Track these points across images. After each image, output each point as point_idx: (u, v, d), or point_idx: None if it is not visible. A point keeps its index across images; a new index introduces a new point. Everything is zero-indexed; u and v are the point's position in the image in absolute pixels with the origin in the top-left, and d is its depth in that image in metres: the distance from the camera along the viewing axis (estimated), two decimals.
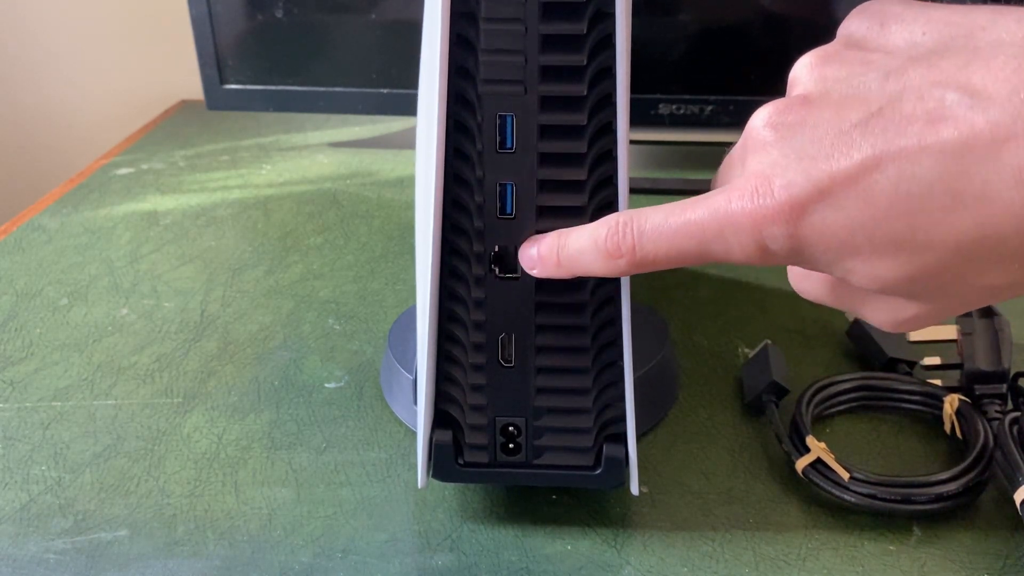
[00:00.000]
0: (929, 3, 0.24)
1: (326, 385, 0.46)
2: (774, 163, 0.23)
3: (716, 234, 0.24)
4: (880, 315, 0.25)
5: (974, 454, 0.37)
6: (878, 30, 0.24)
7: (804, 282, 0.27)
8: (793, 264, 0.25)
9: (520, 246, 0.31)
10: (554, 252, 0.29)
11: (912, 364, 0.44)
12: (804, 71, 0.25)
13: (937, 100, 0.21)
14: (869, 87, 0.23)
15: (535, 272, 0.30)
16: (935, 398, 0.41)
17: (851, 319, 0.47)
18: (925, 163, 0.21)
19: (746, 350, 0.47)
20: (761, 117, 0.25)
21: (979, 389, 0.41)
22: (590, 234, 0.28)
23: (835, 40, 0.26)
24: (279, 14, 0.66)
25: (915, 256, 0.22)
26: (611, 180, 0.31)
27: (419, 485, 0.36)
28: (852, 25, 0.25)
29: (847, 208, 0.22)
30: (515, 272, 0.32)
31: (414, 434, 0.42)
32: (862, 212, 0.22)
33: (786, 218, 0.23)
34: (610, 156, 0.30)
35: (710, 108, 0.66)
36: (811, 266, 0.24)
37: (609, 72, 0.30)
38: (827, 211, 0.22)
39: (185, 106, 0.88)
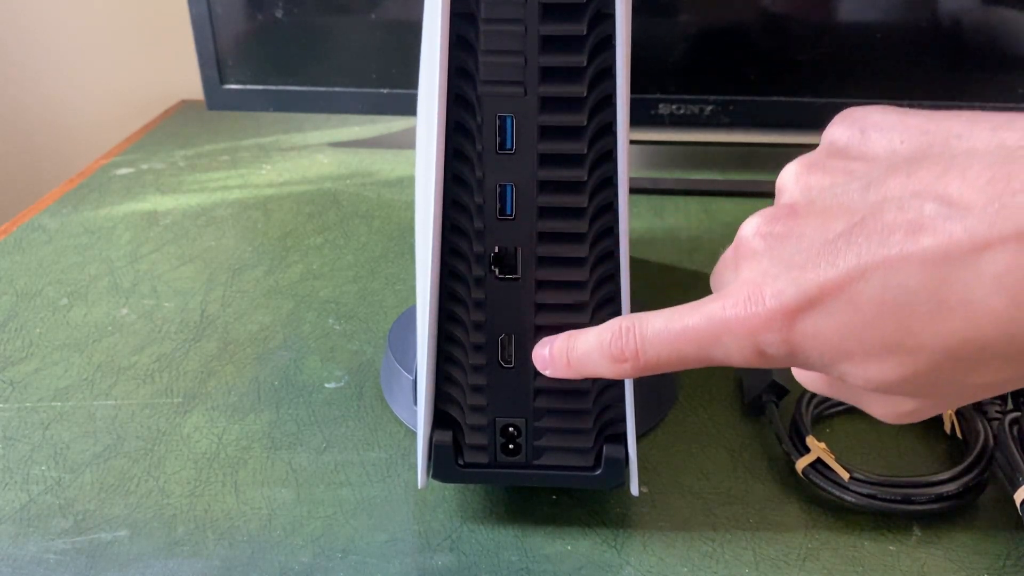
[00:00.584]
0: (907, 110, 0.25)
1: (326, 385, 0.46)
2: (764, 272, 0.24)
3: (714, 340, 0.25)
4: (881, 409, 0.26)
5: (974, 454, 0.37)
6: (859, 138, 0.25)
7: (806, 377, 0.28)
8: (792, 365, 0.25)
9: (535, 346, 0.32)
10: (564, 354, 0.30)
11: None
12: (790, 180, 0.26)
13: (916, 210, 0.22)
14: (852, 197, 0.24)
15: (548, 372, 0.31)
16: None
17: None
18: (908, 271, 0.22)
19: None
20: (751, 227, 0.26)
21: None
22: (596, 337, 0.29)
23: (820, 147, 0.27)
24: (279, 14, 0.66)
25: (906, 359, 0.23)
26: (611, 180, 0.31)
27: (419, 485, 0.36)
28: (835, 132, 0.26)
29: (836, 315, 0.23)
30: (515, 273, 0.32)
31: (414, 434, 0.42)
32: (851, 319, 0.23)
33: (779, 326, 0.24)
34: (610, 156, 0.30)
35: (710, 108, 0.66)
36: (809, 368, 0.25)
37: (609, 73, 0.30)
38: (817, 318, 0.23)
39: (185, 106, 0.88)
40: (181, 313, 0.52)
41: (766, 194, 0.67)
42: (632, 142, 0.70)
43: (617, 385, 0.34)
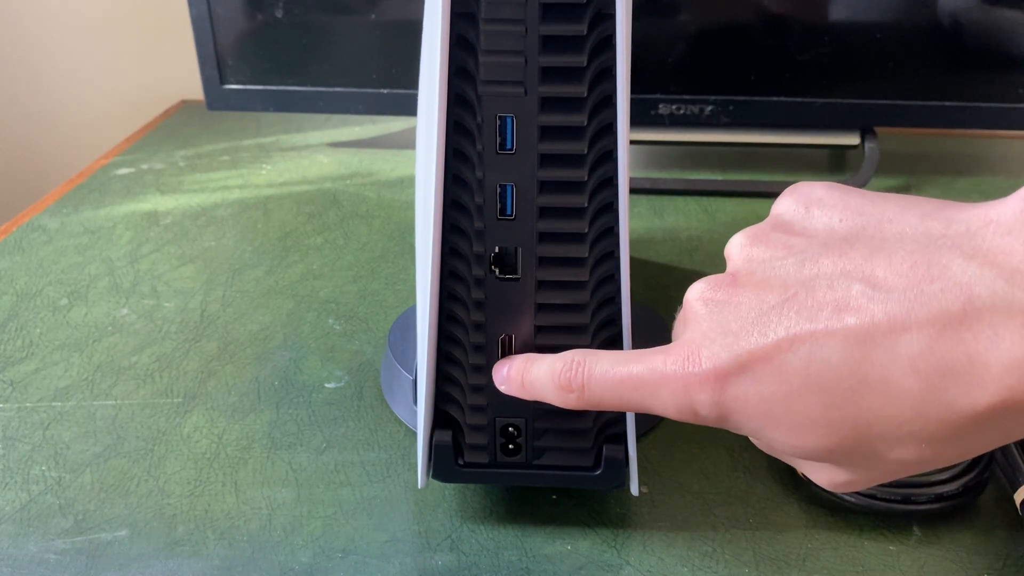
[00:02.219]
0: (850, 189, 0.27)
1: (326, 385, 0.46)
2: (703, 335, 0.26)
3: (652, 391, 0.27)
4: (818, 476, 0.27)
5: None
6: (803, 213, 0.27)
7: (755, 441, 0.29)
8: (724, 427, 0.27)
9: (496, 363, 0.33)
10: (520, 375, 0.32)
11: None
12: (736, 249, 0.28)
13: (844, 289, 0.23)
14: (788, 272, 0.25)
15: (503, 389, 0.32)
16: None
17: None
18: (832, 347, 0.23)
19: None
20: (696, 292, 0.27)
21: None
22: (549, 366, 0.30)
23: (767, 218, 0.28)
24: (279, 14, 0.66)
25: (829, 431, 0.24)
26: (611, 181, 0.31)
27: (419, 485, 0.36)
28: (782, 205, 0.28)
29: (764, 383, 0.24)
30: (515, 273, 0.32)
31: (414, 434, 0.42)
32: (778, 388, 0.24)
33: (711, 386, 0.25)
34: (610, 157, 0.30)
35: (710, 108, 0.66)
36: (740, 432, 0.26)
37: (609, 73, 0.30)
38: (747, 384, 0.25)
39: (185, 106, 0.88)
40: (181, 313, 0.52)
41: (766, 194, 0.67)
42: (632, 142, 0.70)
43: None
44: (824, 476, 0.27)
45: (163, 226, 0.63)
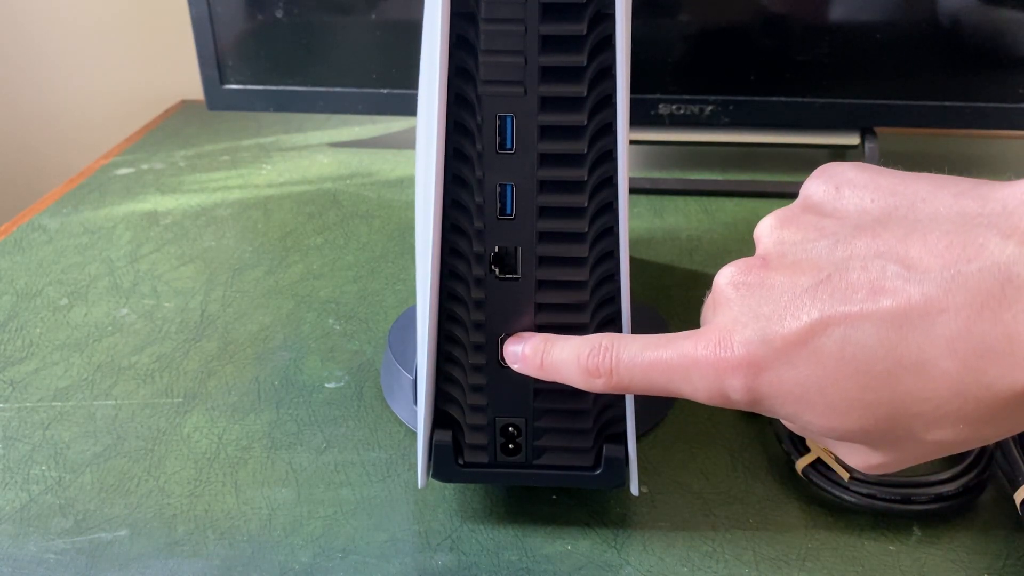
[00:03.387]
0: (881, 170, 0.26)
1: (326, 385, 0.46)
2: (735, 320, 0.26)
3: (683, 375, 0.26)
4: (852, 458, 0.27)
5: (974, 454, 0.37)
6: (833, 194, 0.26)
7: (785, 426, 0.29)
8: (756, 411, 0.26)
9: (507, 340, 0.32)
10: (539, 355, 0.31)
11: None
12: (765, 232, 0.27)
13: (879, 270, 0.23)
14: (820, 253, 0.25)
15: (516, 367, 0.32)
16: None
17: None
18: (867, 329, 0.23)
19: None
20: (726, 275, 0.27)
21: None
22: (574, 349, 0.30)
23: (796, 200, 0.28)
24: (279, 14, 0.66)
25: (865, 412, 0.24)
26: (611, 180, 0.31)
27: (419, 485, 0.36)
28: (812, 187, 0.27)
29: (799, 367, 0.24)
30: (515, 273, 0.32)
31: (414, 434, 0.42)
32: (813, 371, 0.24)
33: (744, 372, 0.25)
34: (610, 156, 0.30)
35: (710, 108, 0.66)
36: (773, 415, 0.26)
37: (609, 72, 0.30)
38: (781, 368, 0.24)
39: (185, 106, 0.88)
40: (181, 313, 0.52)
41: (766, 194, 0.67)
42: (632, 142, 0.70)
43: None
44: (859, 458, 0.27)
45: (163, 226, 0.63)
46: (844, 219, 0.26)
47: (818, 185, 0.27)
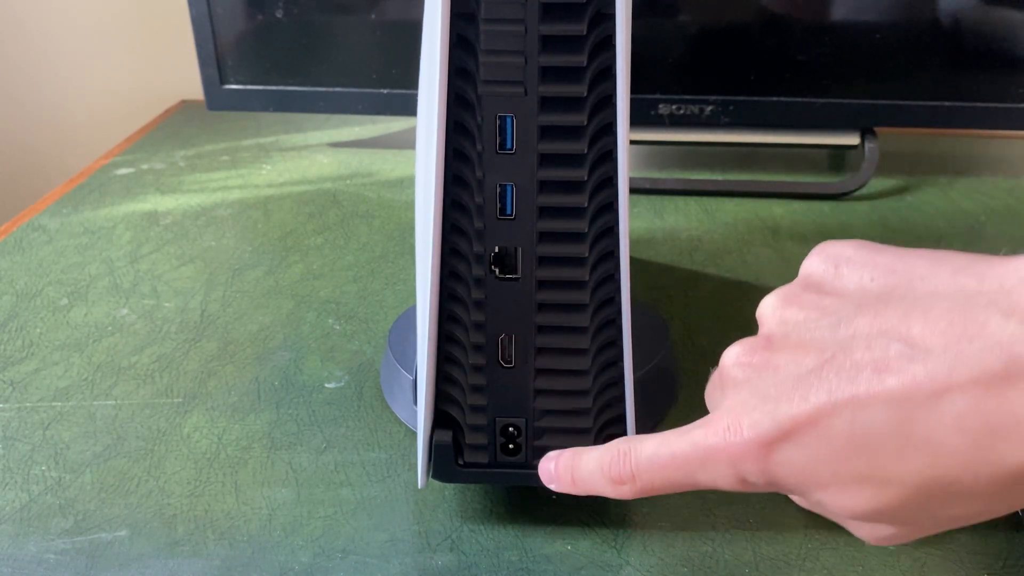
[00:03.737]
0: (879, 247, 0.27)
1: (326, 385, 0.46)
2: (743, 402, 0.26)
3: (700, 467, 0.27)
4: (862, 532, 0.27)
5: None
6: (833, 272, 0.27)
7: (798, 503, 0.29)
8: (774, 490, 0.26)
9: (540, 460, 0.33)
10: (569, 472, 0.31)
11: None
12: (768, 312, 0.28)
13: (882, 349, 0.23)
14: (823, 334, 0.25)
15: (552, 487, 0.32)
16: None
17: None
18: (875, 409, 0.23)
19: None
20: (732, 356, 0.27)
21: None
22: (597, 460, 0.30)
23: (797, 279, 0.28)
24: (279, 14, 0.66)
25: (878, 491, 0.24)
26: (611, 180, 0.31)
27: (419, 485, 0.36)
28: (811, 265, 0.28)
29: (809, 447, 0.24)
30: (515, 273, 0.32)
31: (414, 434, 0.42)
32: (823, 451, 0.24)
33: (756, 456, 0.25)
34: (610, 156, 0.30)
35: (710, 108, 0.66)
36: (789, 493, 0.26)
37: (609, 73, 0.30)
38: (792, 449, 0.25)
39: (185, 106, 0.88)
40: (181, 313, 0.52)
41: (766, 194, 0.67)
42: (632, 142, 0.70)
43: (617, 385, 0.34)
44: (868, 532, 0.27)
45: (163, 226, 0.63)
46: (845, 298, 0.26)
47: (817, 264, 0.28)
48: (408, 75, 0.68)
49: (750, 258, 0.58)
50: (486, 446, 0.34)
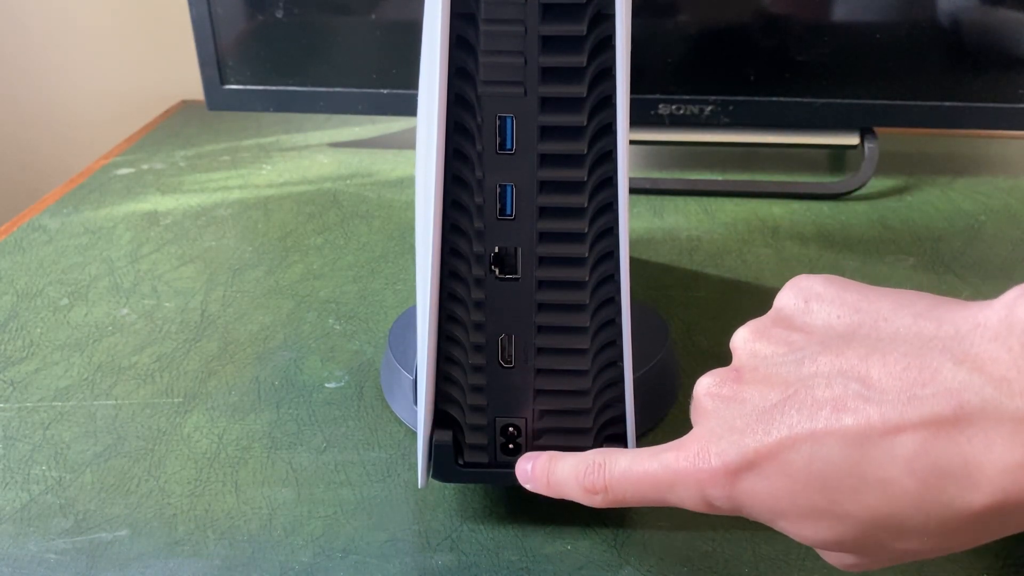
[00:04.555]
0: (846, 283, 0.28)
1: (326, 385, 0.46)
2: (711, 431, 0.27)
3: (669, 487, 0.28)
4: (829, 559, 0.29)
5: None
6: (803, 307, 0.28)
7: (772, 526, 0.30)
8: (739, 515, 0.28)
9: (519, 458, 0.34)
10: (545, 474, 0.32)
11: None
12: (740, 344, 0.29)
13: (841, 388, 0.25)
14: (788, 369, 0.27)
15: (528, 487, 0.33)
16: None
17: None
18: (832, 445, 0.24)
19: None
20: (703, 385, 0.29)
21: None
22: (572, 468, 0.31)
23: (770, 312, 0.30)
24: (279, 14, 0.66)
25: (834, 523, 0.25)
26: (611, 181, 0.31)
27: (419, 485, 0.36)
28: (783, 299, 0.29)
29: (770, 479, 0.26)
30: (515, 273, 0.32)
31: (414, 434, 0.42)
32: (783, 484, 0.25)
33: (721, 482, 0.27)
34: (610, 157, 0.30)
35: (710, 108, 0.66)
36: (754, 520, 0.27)
37: (609, 73, 0.30)
38: (755, 479, 0.26)
39: (185, 106, 0.88)
40: (181, 313, 0.52)
41: (766, 194, 0.67)
42: (632, 142, 0.70)
43: (617, 385, 0.34)
44: (835, 559, 0.28)
45: (163, 226, 0.63)
46: (811, 334, 0.27)
47: (789, 298, 0.29)
48: (408, 75, 0.68)
49: (750, 258, 0.58)
50: (486, 446, 0.34)
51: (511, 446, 0.34)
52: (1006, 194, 0.67)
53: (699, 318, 0.51)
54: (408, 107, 0.68)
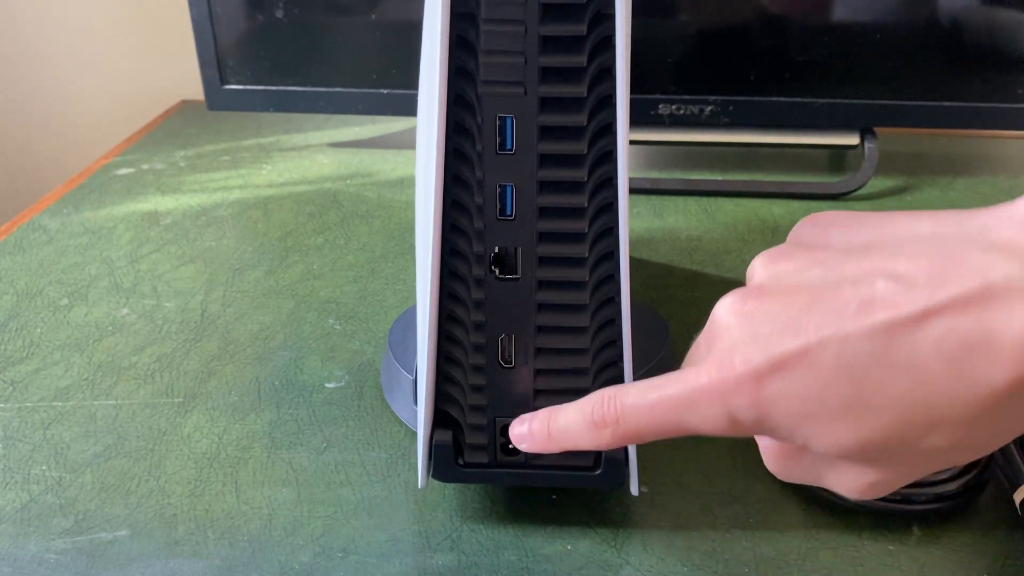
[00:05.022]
0: (863, 213, 0.28)
1: (326, 385, 0.46)
2: (735, 343, 0.27)
3: (688, 406, 0.27)
4: (843, 483, 0.28)
5: None
6: (821, 233, 0.29)
7: (776, 463, 0.30)
8: (760, 434, 0.27)
9: (511, 423, 0.33)
10: (545, 427, 0.32)
11: None
12: (758, 267, 0.29)
13: (869, 285, 0.25)
14: (813, 278, 0.26)
15: (524, 447, 0.32)
16: None
17: None
18: (860, 341, 0.24)
19: None
20: (724, 306, 0.28)
21: None
22: (579, 408, 0.30)
23: (786, 241, 0.30)
24: (279, 14, 0.66)
25: (863, 419, 0.25)
26: (611, 181, 0.31)
27: (419, 485, 0.36)
28: (801, 231, 0.29)
29: (799, 379, 0.25)
30: (515, 273, 0.32)
31: (414, 434, 0.42)
32: (812, 382, 0.25)
33: (747, 388, 0.26)
34: (610, 157, 0.31)
35: (710, 108, 0.66)
36: (776, 435, 0.27)
37: (609, 73, 0.30)
38: (782, 382, 0.26)
39: (185, 106, 0.88)
40: (181, 313, 0.52)
41: (766, 194, 0.67)
42: (632, 142, 0.70)
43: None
44: (850, 481, 0.27)
45: (163, 226, 0.63)
46: (833, 249, 0.27)
47: (806, 228, 0.29)
48: (408, 75, 0.68)
49: (750, 258, 0.58)
50: (486, 446, 0.34)
51: (511, 446, 0.34)
52: (1006, 194, 0.67)
53: (699, 318, 0.51)
54: (408, 107, 0.68)
